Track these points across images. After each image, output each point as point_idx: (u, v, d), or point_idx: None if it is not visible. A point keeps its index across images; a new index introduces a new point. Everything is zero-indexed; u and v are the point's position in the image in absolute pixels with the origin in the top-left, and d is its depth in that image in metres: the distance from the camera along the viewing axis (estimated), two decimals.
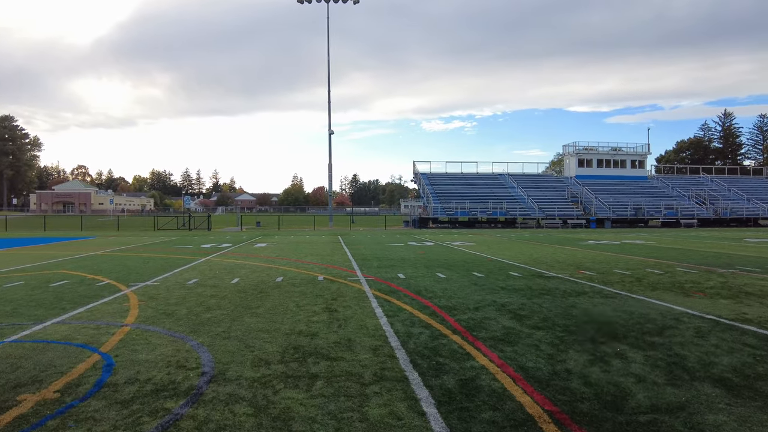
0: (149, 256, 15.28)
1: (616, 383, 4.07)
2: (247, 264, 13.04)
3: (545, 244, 20.39)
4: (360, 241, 23.06)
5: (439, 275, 10.66)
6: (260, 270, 11.70)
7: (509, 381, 4.14)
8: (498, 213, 42.79)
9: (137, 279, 10.18)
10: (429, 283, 9.47)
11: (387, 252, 16.71)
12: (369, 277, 10.33)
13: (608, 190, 49.57)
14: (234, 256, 15.23)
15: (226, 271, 11.43)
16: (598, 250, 17.25)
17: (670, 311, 6.91)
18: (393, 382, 4.07)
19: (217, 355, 4.84)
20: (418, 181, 48.53)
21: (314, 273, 11.10)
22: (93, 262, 13.48)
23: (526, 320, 6.35)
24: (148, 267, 12.39)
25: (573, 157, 53.48)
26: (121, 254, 16.13)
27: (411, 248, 18.42)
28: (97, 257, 15.05)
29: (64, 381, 4.07)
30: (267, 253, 16.25)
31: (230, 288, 9.03)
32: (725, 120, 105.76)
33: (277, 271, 11.42)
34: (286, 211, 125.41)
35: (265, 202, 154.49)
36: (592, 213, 44.03)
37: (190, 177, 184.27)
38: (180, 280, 9.97)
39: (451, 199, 44.11)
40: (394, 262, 13.29)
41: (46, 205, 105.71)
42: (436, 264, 12.89)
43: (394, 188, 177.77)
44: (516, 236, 27.25)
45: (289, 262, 13.39)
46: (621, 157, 54.31)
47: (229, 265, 12.68)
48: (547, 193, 48.61)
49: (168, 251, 17.33)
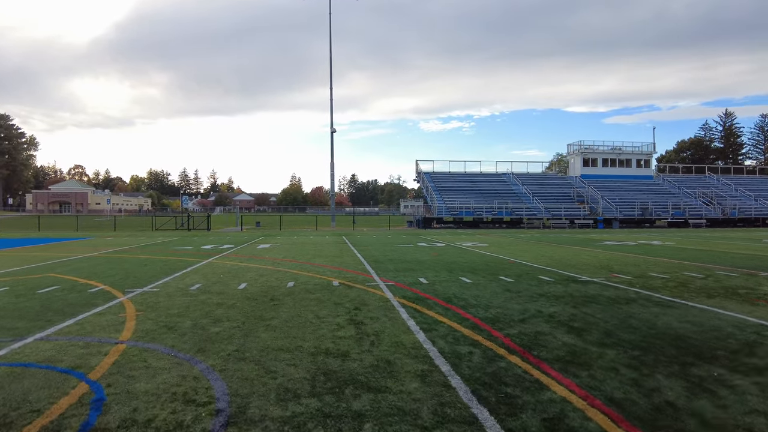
0: (147, 258, 14.37)
1: (746, 426, 3.20)
2: (252, 267, 12.15)
3: (560, 245, 19.53)
4: (367, 241, 22.18)
5: (464, 280, 9.78)
6: (268, 273, 10.81)
7: (606, 420, 3.27)
8: (503, 213, 41.96)
9: (134, 284, 9.28)
10: (457, 290, 8.59)
11: (399, 254, 15.83)
12: (388, 282, 9.45)
13: (614, 190, 48.81)
14: (238, 258, 14.33)
15: (231, 275, 10.53)
16: (619, 252, 16.40)
17: (744, 323, 6.04)
18: (461, 426, 3.19)
19: (233, 383, 3.95)
20: (421, 180, 47.65)
21: (327, 277, 10.21)
22: (87, 265, 12.57)
23: (586, 335, 5.47)
24: (146, 270, 11.48)
25: (578, 156, 52.67)
26: (117, 256, 15.21)
27: (422, 249, 17.54)
28: (91, 259, 14.14)
29: (40, 425, 3.18)
30: (272, 255, 15.36)
31: (238, 295, 8.14)
32: (726, 120, 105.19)
33: (286, 275, 10.53)
34: (285, 211, 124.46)
35: (264, 202, 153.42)
36: (599, 213, 43.24)
37: (187, 177, 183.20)
38: (182, 286, 9.07)
39: (455, 198, 43.25)
40: (410, 265, 12.41)
41: (42, 205, 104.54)
42: (457, 267, 12.01)
43: (393, 188, 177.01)
44: (527, 237, 26.40)
45: (297, 265, 12.51)
46: (626, 156, 53.53)
47: (234, 268, 11.78)
48: (552, 192, 47.78)
49: (167, 253, 16.43)
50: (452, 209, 41.72)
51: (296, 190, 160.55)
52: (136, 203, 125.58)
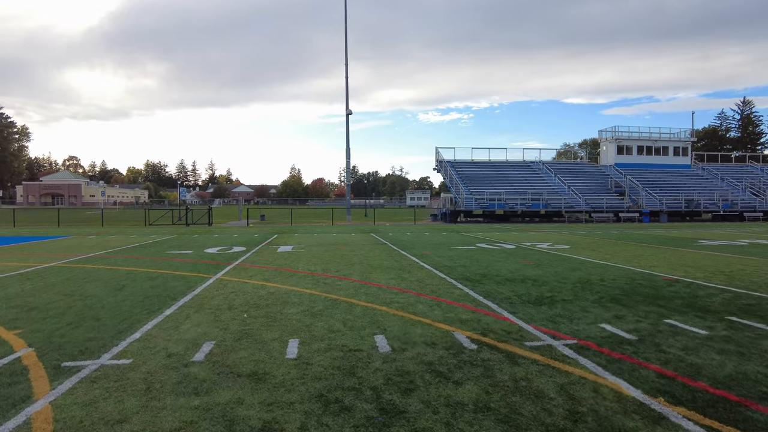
0: (128, 272, 10.03)
1: None
2: (288, 291, 7.83)
3: (660, 248, 15.25)
4: (409, 241, 17.83)
5: (675, 324, 5.48)
6: (323, 309, 6.49)
7: None
8: (539, 205, 37.60)
9: (88, 342, 4.96)
10: (715, 358, 4.29)
11: (477, 262, 11.52)
12: (555, 335, 5.14)
13: (651, 180, 44.51)
14: (259, 272, 10.01)
15: (261, 315, 6.21)
16: (756, 257, 12.11)
17: None
18: None
19: None
20: (443, 170, 43.19)
21: (431, 320, 5.89)
22: (31, 287, 8.24)
23: None
24: (119, 301, 7.15)
25: (612, 143, 48.25)
26: (88, 266, 10.88)
27: (495, 253, 13.22)
28: (47, 274, 9.80)
29: None
30: (304, 264, 11.04)
31: (297, 385, 3.81)
32: (744, 108, 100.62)
33: (355, 314, 6.21)
34: (286, 203, 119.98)
35: (264, 194, 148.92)
36: (642, 205, 38.96)
37: (185, 168, 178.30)
38: (176, 349, 4.74)
39: (484, 189, 38.88)
40: (525, 287, 8.12)
41: (34, 198, 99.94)
42: (603, 291, 7.73)
43: (395, 180, 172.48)
44: (591, 233, 22.04)
45: (354, 287, 8.20)
46: (663, 143, 49.12)
47: (262, 297, 7.45)
48: (587, 182, 43.44)
49: (158, 260, 12.10)
50: (481, 201, 37.38)
51: (297, 181, 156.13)
52: (132, 195, 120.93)
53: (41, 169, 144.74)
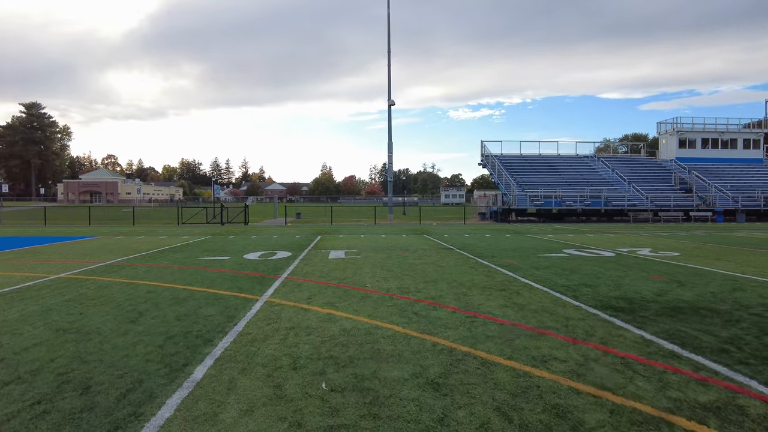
0: (150, 290, 7.82)
1: None
2: (369, 329, 5.39)
3: None
4: (476, 245, 15.21)
5: None
6: (441, 375, 4.02)
7: None
8: (599, 203, 34.25)
9: None
10: None
11: (596, 277, 8.85)
12: None
13: (718, 176, 40.36)
14: (317, 291, 7.63)
15: (349, 385, 3.78)
16: None
17: None
18: None
19: None
20: (490, 165, 40.24)
21: (660, 411, 3.33)
22: (14, 318, 6.08)
23: None
24: (126, 348, 4.87)
25: (673, 135, 44.21)
26: (103, 278, 8.76)
27: (606, 264, 10.48)
28: (47, 291, 7.69)
29: None
30: (370, 279, 8.61)
31: None
32: None
33: (503, 387, 3.72)
34: (317, 200, 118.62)
35: (296, 192, 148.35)
36: (713, 203, 35.09)
37: (219, 167, 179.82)
38: None
39: (538, 186, 35.78)
40: (736, 328, 5.45)
41: (74, 195, 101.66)
42: None
43: (426, 177, 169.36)
44: (669, 234, 18.89)
45: (456, 320, 5.71)
46: (731, 135, 44.71)
47: (335, 340, 5.04)
48: (648, 179, 39.70)
49: (189, 268, 9.92)
50: (535, 199, 34.31)
51: (328, 179, 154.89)
52: (167, 193, 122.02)
53: (82, 167, 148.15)
